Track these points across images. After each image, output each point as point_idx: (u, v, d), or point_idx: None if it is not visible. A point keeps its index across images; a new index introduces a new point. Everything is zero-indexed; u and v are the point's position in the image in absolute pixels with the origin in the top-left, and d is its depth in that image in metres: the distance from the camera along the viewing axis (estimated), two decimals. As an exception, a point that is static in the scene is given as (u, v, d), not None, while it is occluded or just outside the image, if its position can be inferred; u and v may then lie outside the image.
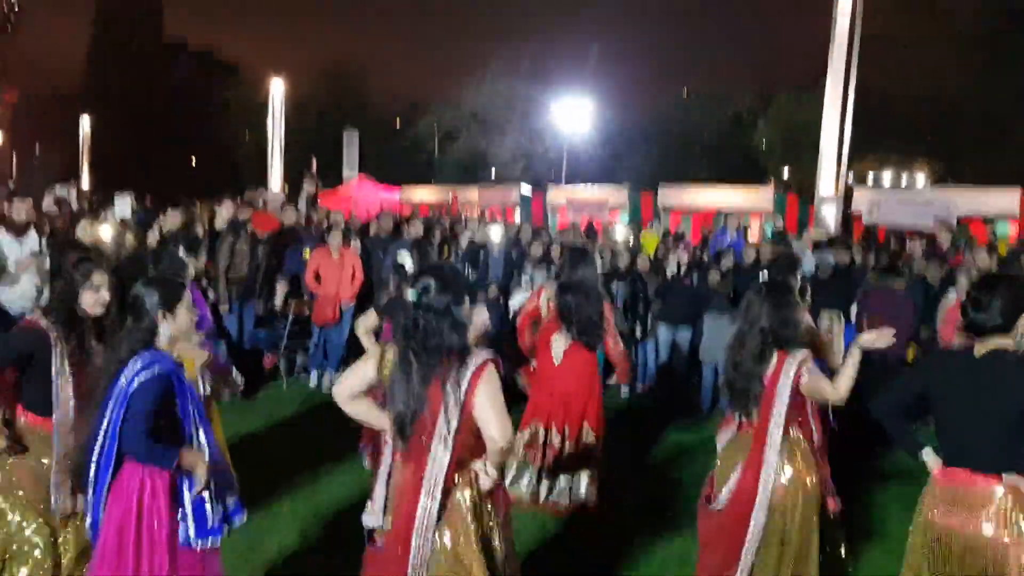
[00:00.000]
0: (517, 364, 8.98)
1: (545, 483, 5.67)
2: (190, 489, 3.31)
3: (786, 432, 3.87)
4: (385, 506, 3.15)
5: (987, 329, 3.16)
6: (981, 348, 3.19)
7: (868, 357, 3.70)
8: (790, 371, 3.82)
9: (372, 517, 3.19)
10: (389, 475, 3.17)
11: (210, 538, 3.36)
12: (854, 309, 8.07)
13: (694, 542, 4.36)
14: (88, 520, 3.35)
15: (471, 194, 26.10)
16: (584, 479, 5.67)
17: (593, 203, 21.12)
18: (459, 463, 3.01)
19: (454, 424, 2.96)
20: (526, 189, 24.12)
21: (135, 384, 3.15)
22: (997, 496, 3.08)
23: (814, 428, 4.86)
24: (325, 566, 4.65)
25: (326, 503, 5.57)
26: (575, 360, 5.69)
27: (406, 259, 5.32)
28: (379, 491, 3.17)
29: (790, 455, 3.89)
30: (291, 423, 7.50)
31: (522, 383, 5.93)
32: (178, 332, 3.33)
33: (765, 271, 4.88)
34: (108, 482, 3.24)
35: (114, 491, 3.24)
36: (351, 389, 3.20)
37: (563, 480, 5.66)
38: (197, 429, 3.38)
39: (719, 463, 4.16)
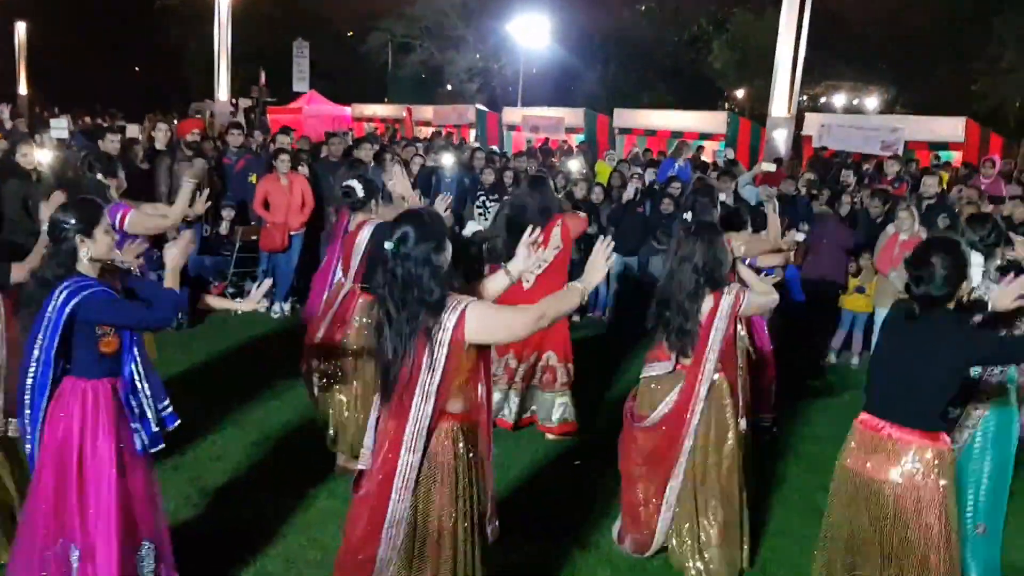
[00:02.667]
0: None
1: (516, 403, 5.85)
2: (137, 396, 3.38)
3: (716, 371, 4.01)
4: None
5: (936, 300, 3.13)
6: None
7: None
8: (726, 308, 3.95)
9: (364, 463, 3.16)
10: (377, 421, 3.11)
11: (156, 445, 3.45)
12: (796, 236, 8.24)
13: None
14: (27, 448, 3.34)
15: (426, 112, 25.70)
16: (556, 402, 5.86)
17: (549, 123, 20.96)
18: (441, 412, 2.95)
19: (437, 378, 2.87)
20: (482, 108, 23.82)
21: (70, 306, 3.13)
22: (911, 450, 3.14)
23: (767, 337, 5.60)
24: (271, 497, 4.67)
25: (274, 433, 5.60)
26: (545, 285, 5.69)
27: (356, 186, 5.17)
28: (368, 440, 3.14)
29: (716, 399, 4.02)
30: (238, 351, 7.47)
31: None
32: (97, 255, 3.31)
33: (689, 211, 4.95)
34: (44, 408, 3.24)
35: (52, 413, 3.25)
36: None
37: (537, 403, 5.90)
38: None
39: (651, 387, 4.20)
